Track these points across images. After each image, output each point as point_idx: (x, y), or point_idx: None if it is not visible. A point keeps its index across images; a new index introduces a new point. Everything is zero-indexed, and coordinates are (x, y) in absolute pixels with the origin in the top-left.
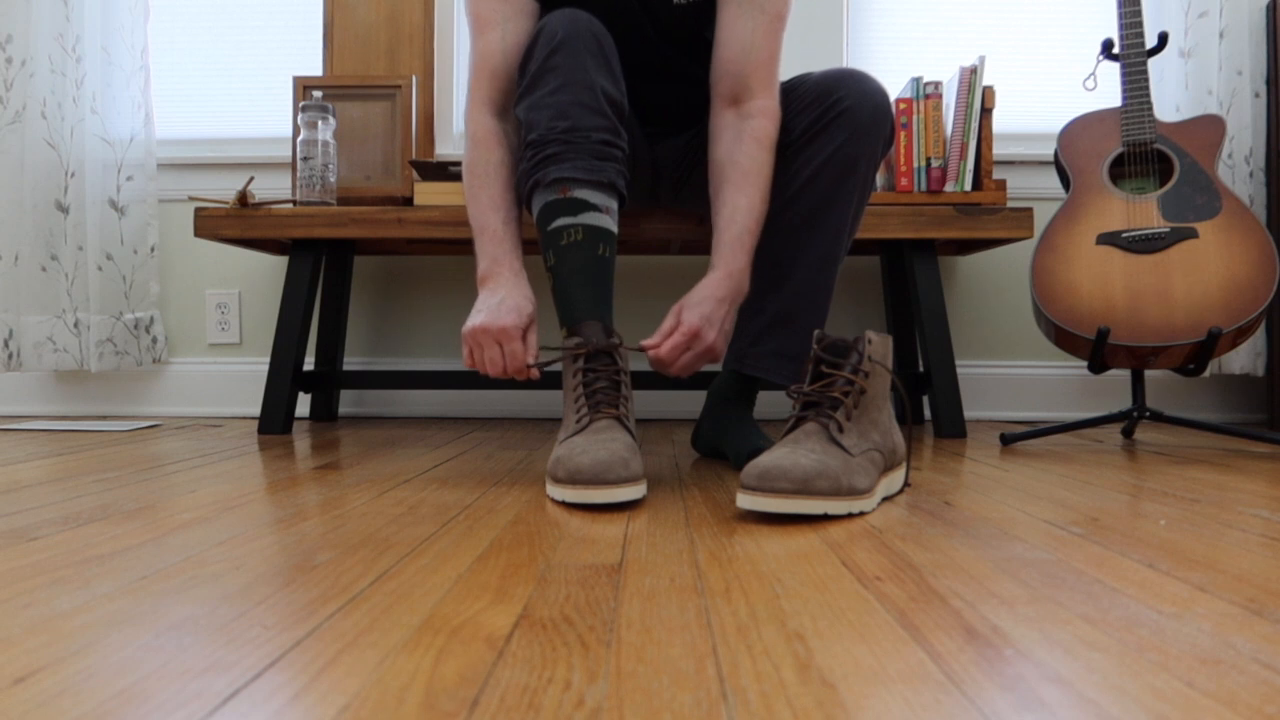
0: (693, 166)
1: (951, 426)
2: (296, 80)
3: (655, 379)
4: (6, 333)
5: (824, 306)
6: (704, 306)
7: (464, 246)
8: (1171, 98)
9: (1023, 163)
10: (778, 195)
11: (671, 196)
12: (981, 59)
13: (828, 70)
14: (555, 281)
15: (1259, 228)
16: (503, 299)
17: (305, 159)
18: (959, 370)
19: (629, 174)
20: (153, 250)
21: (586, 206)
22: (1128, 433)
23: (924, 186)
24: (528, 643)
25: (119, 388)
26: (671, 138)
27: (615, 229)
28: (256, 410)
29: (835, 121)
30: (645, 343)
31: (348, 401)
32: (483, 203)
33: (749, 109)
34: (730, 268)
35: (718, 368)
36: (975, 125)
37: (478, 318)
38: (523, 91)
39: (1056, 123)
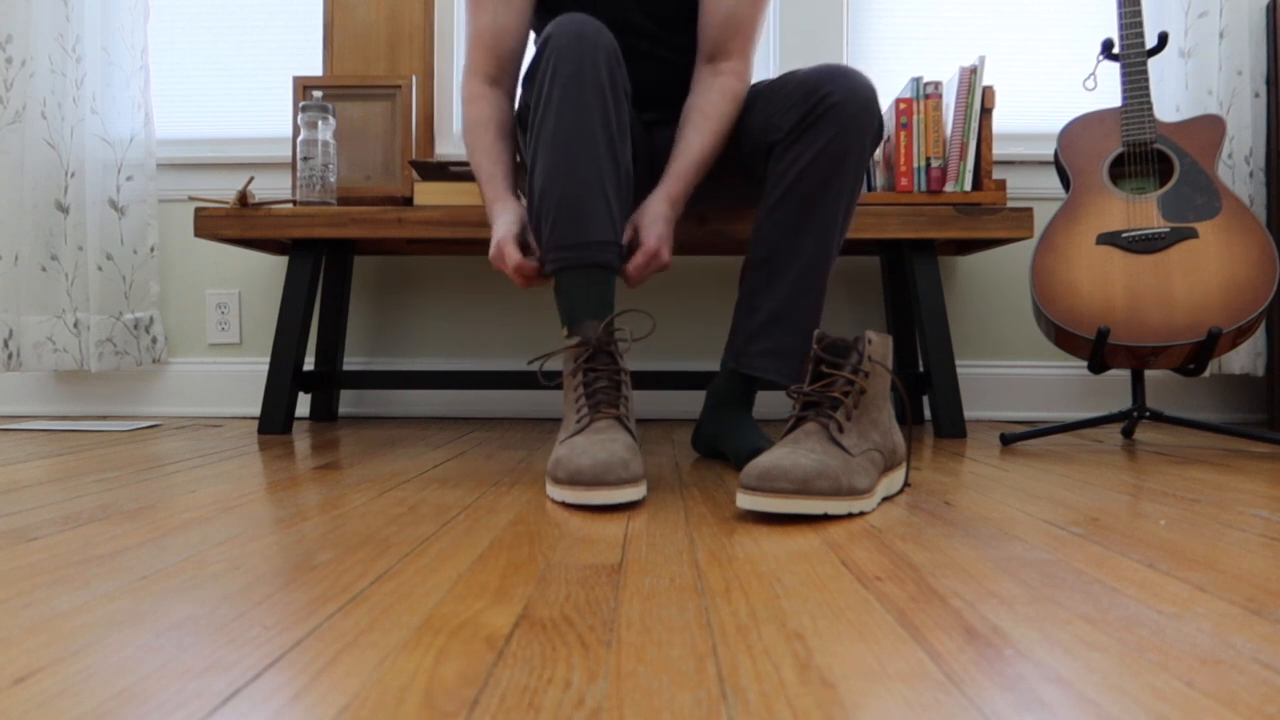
0: None
1: (951, 426)
2: (296, 80)
3: (655, 380)
4: (6, 333)
5: (819, 303)
6: (658, 227)
7: (464, 246)
8: (1171, 98)
9: (1023, 163)
10: (768, 193)
11: None
12: (981, 59)
13: (815, 66)
14: (557, 285)
15: (1259, 228)
16: (498, 219)
17: (305, 159)
18: (959, 370)
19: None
20: (153, 250)
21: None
22: (1128, 433)
23: (924, 186)
24: (528, 643)
25: (119, 388)
26: (667, 126)
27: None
28: (256, 410)
29: (823, 117)
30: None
31: (348, 401)
32: (477, 154)
33: (723, 67)
34: (671, 193)
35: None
36: (975, 125)
37: (492, 244)
38: (532, 117)
39: (1056, 123)
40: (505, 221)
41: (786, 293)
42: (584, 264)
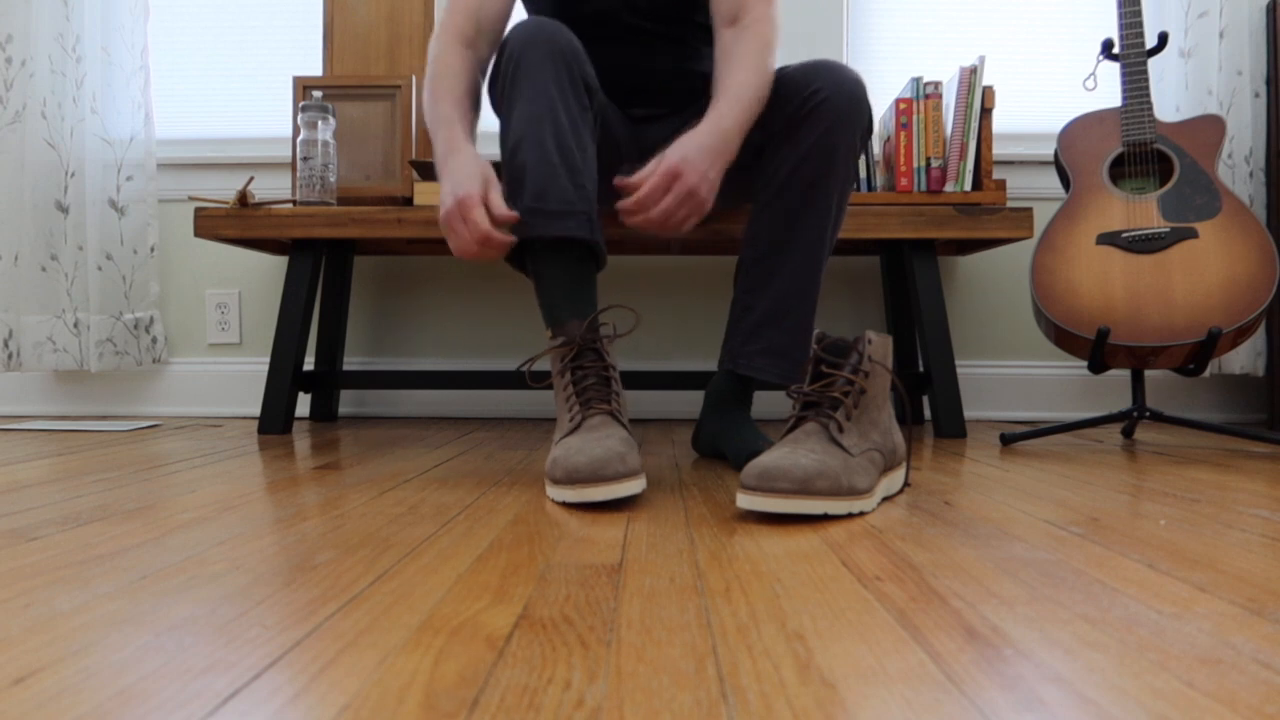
0: None
1: (951, 426)
2: (296, 80)
3: (655, 379)
4: (6, 333)
5: (813, 301)
6: (686, 148)
7: None
8: (1171, 98)
9: (1023, 163)
10: (760, 191)
11: None
12: (981, 59)
13: (803, 63)
14: (537, 284)
15: (1259, 228)
16: (457, 172)
17: (305, 159)
18: (959, 370)
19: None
20: (153, 250)
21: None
22: (1128, 433)
23: (924, 186)
24: (528, 643)
25: (119, 388)
26: (657, 123)
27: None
28: (256, 410)
29: (811, 114)
30: (619, 180)
31: (348, 401)
32: (441, 103)
33: (746, 20)
34: (721, 121)
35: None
36: (975, 125)
37: (444, 201)
38: (501, 125)
39: (1056, 123)
40: (468, 175)
41: (781, 292)
42: (550, 233)
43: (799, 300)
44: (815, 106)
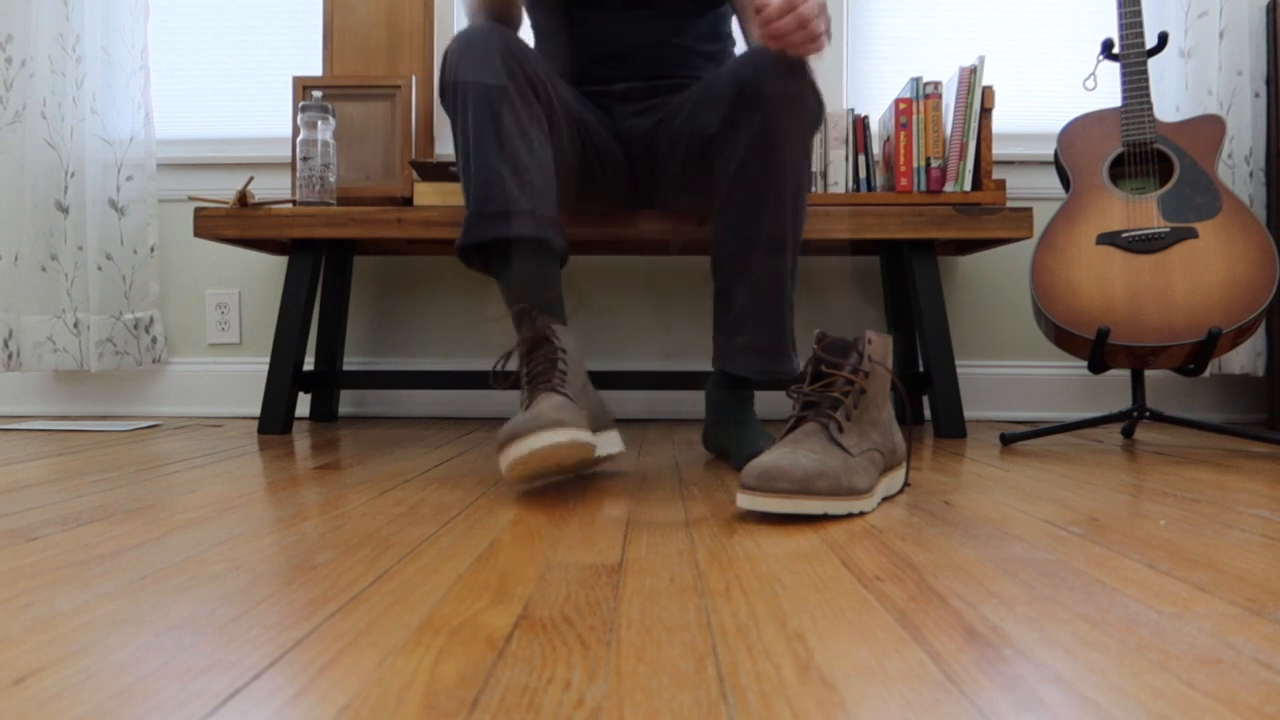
0: (664, 161)
1: (951, 426)
2: (296, 80)
3: (655, 379)
4: (6, 333)
5: (786, 294)
6: None
7: None
8: (1171, 98)
9: (1023, 163)
10: (716, 189)
11: (649, 183)
12: (981, 59)
13: (743, 54)
14: (501, 288)
15: (1259, 228)
16: None
17: (305, 159)
18: (959, 370)
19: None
20: (153, 250)
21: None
22: (1128, 433)
23: (924, 186)
24: (528, 643)
25: (119, 388)
26: (638, 111)
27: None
28: (256, 410)
29: (747, 107)
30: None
31: (348, 401)
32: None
33: None
34: None
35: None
36: (975, 125)
37: None
38: (454, 139)
39: (1056, 123)
40: None
41: (751, 288)
42: (496, 235)
43: (771, 293)
44: (749, 100)
